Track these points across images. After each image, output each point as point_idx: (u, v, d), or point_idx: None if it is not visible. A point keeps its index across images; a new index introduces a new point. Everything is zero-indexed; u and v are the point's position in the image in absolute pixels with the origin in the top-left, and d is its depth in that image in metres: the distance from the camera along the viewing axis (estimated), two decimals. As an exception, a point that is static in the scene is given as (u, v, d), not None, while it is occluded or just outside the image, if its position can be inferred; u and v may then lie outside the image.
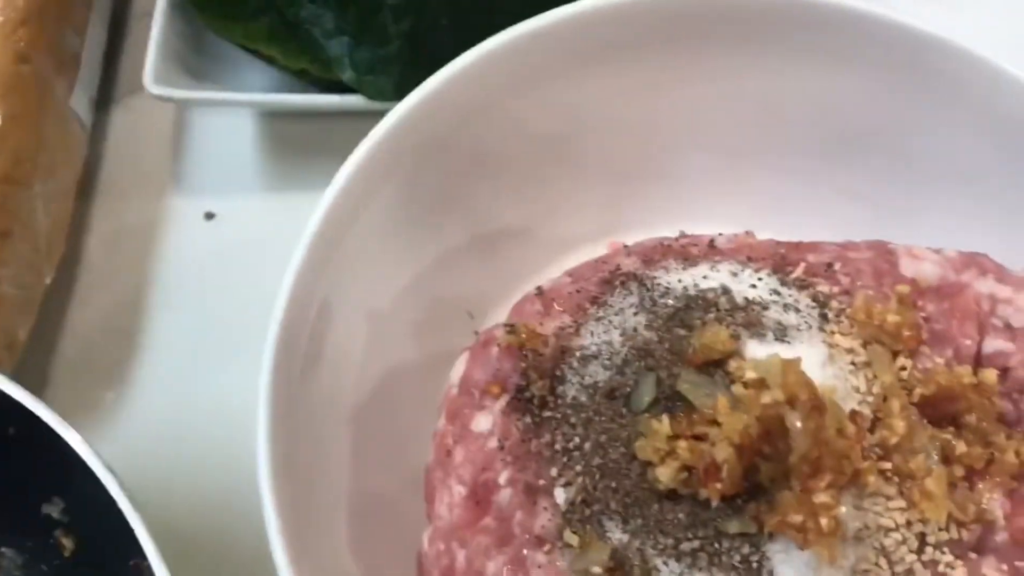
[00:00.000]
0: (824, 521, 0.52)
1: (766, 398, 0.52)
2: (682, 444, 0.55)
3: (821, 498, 0.53)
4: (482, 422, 0.61)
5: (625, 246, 0.67)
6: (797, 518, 0.53)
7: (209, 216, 0.87)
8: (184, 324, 0.83)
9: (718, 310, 0.61)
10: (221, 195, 0.88)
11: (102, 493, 0.60)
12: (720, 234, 0.67)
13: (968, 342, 0.62)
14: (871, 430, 0.58)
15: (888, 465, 0.58)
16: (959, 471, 0.58)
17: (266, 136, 0.90)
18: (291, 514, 0.58)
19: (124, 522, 0.60)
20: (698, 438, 0.55)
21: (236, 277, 0.84)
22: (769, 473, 0.55)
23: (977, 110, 0.70)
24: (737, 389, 0.55)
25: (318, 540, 0.61)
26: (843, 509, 0.53)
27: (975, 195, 0.71)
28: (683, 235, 0.68)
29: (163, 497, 0.64)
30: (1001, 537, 0.59)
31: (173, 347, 0.82)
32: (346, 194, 0.64)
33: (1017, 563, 0.58)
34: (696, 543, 0.56)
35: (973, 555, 0.58)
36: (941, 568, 0.57)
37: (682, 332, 0.60)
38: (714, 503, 0.54)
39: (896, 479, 0.58)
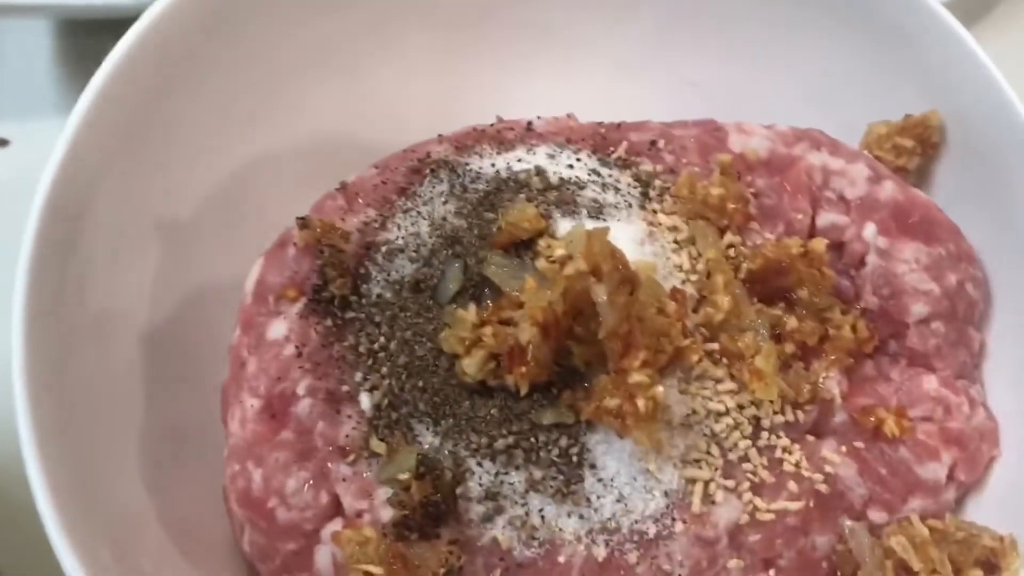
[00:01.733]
0: (641, 403, 0.48)
1: (569, 270, 0.47)
2: (487, 331, 0.50)
3: (636, 378, 0.48)
4: (277, 328, 0.55)
5: (439, 136, 0.62)
6: (613, 402, 0.49)
7: (2, 143, 0.79)
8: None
9: (530, 190, 0.56)
10: (15, 119, 0.80)
11: None
12: (539, 117, 0.62)
13: (800, 216, 0.59)
14: (695, 310, 0.54)
15: (715, 346, 0.54)
16: (791, 348, 0.54)
17: (65, 54, 0.82)
18: (63, 470, 0.51)
19: None
20: (505, 323, 0.50)
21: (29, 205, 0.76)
22: (582, 356, 0.50)
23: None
24: (542, 265, 0.50)
25: (99, 489, 0.54)
26: (661, 389, 0.48)
27: (804, 77, 0.68)
28: (499, 120, 0.62)
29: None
30: (840, 418, 0.56)
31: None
32: (104, 98, 0.57)
33: (856, 443, 0.55)
34: (511, 439, 0.51)
35: (811, 438, 0.55)
36: (778, 453, 0.54)
37: (491, 216, 0.55)
38: (523, 391, 0.49)
39: (724, 361, 0.54)
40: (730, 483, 0.53)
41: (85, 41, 0.82)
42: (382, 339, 0.53)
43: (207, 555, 0.58)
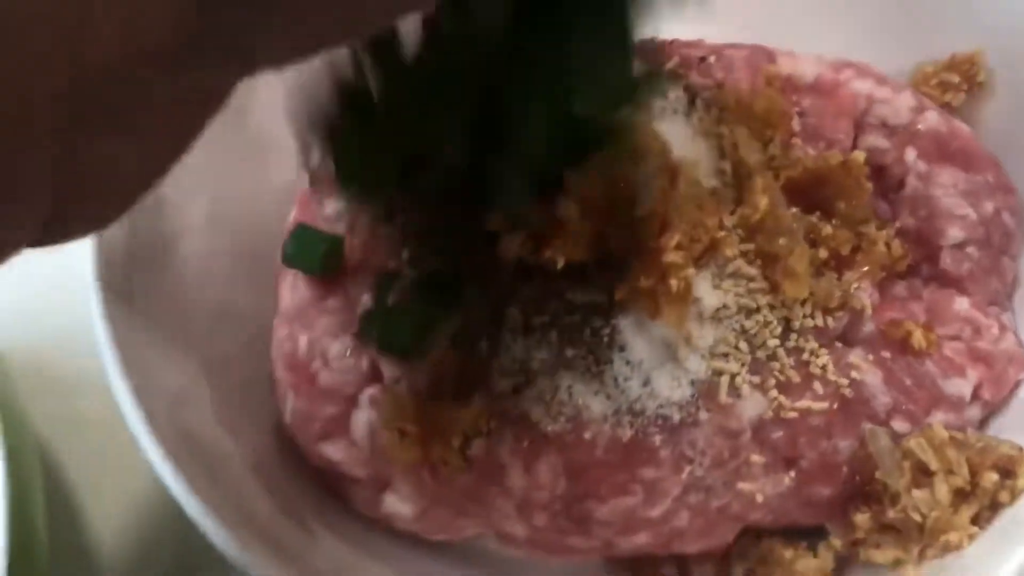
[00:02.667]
0: (673, 282, 0.50)
1: (611, 151, 0.50)
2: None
3: (670, 257, 0.50)
4: (331, 207, 0.58)
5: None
6: (646, 282, 0.51)
7: None
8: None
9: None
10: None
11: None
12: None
13: (842, 136, 0.60)
14: (732, 213, 0.56)
15: (751, 246, 0.55)
16: (824, 254, 0.56)
17: None
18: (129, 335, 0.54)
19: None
20: (547, 203, 0.52)
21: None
22: (620, 241, 0.52)
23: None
24: (586, 149, 0.52)
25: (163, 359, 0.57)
26: (693, 271, 0.51)
27: (856, 17, 0.69)
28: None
29: None
30: (868, 328, 0.57)
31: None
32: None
33: (883, 353, 0.56)
34: (545, 317, 0.53)
35: (839, 345, 0.56)
36: (805, 356, 0.55)
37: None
38: (558, 264, 0.51)
39: (759, 262, 0.55)
40: (756, 379, 0.54)
41: None
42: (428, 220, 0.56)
43: (251, 431, 0.60)
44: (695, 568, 0.59)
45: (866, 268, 0.57)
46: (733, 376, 0.54)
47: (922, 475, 0.53)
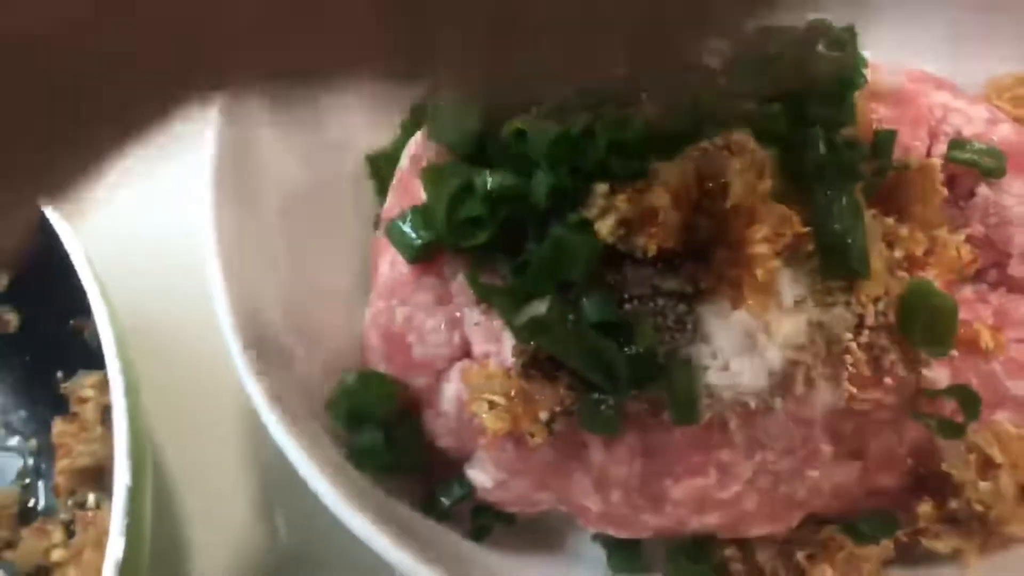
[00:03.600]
0: (759, 272, 0.53)
1: (705, 143, 0.52)
2: (621, 197, 0.54)
3: (757, 249, 0.53)
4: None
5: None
6: (732, 271, 0.53)
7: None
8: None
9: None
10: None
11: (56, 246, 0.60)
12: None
13: (918, 143, 0.62)
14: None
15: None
16: (899, 254, 0.58)
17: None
18: (242, 294, 0.58)
19: (69, 285, 0.60)
20: (639, 192, 0.55)
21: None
22: (708, 230, 0.55)
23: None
24: (680, 141, 0.55)
25: (266, 329, 0.60)
26: (778, 263, 0.53)
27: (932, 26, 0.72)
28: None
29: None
30: (939, 328, 0.59)
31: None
32: None
33: (952, 352, 0.58)
34: (634, 302, 0.56)
35: (909, 342, 0.58)
36: (876, 351, 0.57)
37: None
38: (650, 252, 0.54)
39: (838, 257, 0.58)
40: (830, 371, 0.56)
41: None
42: (522, 207, 0.59)
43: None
44: (758, 552, 0.61)
45: (936, 271, 0.59)
46: (808, 367, 0.56)
47: (988, 468, 0.55)
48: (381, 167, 0.71)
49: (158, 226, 0.77)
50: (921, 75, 0.65)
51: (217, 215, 0.57)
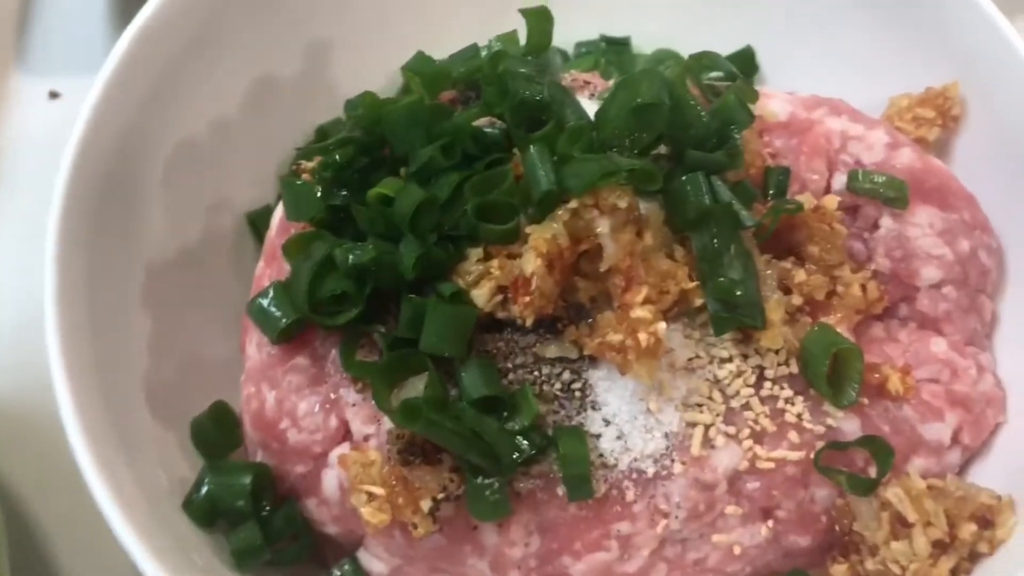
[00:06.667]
0: (643, 336, 0.49)
1: (573, 204, 0.49)
2: (495, 263, 0.51)
3: (638, 313, 0.49)
4: (297, 259, 0.57)
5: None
6: (616, 337, 0.50)
7: (53, 95, 0.82)
8: (24, 205, 0.78)
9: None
10: (67, 74, 0.83)
11: None
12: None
13: (816, 177, 0.59)
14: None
15: (722, 295, 0.54)
16: (798, 300, 0.55)
17: (117, 14, 0.85)
18: (91, 399, 0.53)
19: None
20: (513, 257, 0.51)
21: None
22: (587, 292, 0.52)
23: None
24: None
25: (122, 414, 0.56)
26: (664, 325, 0.49)
27: (830, 49, 0.69)
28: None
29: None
30: (845, 373, 0.56)
31: (11, 228, 0.78)
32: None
33: (861, 399, 0.55)
34: (517, 372, 0.52)
35: (813, 391, 0.55)
36: (780, 404, 0.54)
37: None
38: (527, 322, 0.50)
39: (730, 310, 0.54)
40: (731, 429, 0.53)
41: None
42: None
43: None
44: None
45: (841, 314, 0.56)
46: (707, 427, 0.53)
47: (901, 526, 0.52)
48: (262, 226, 0.67)
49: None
50: (815, 101, 0.62)
51: (60, 311, 0.53)
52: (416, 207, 0.51)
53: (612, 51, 0.74)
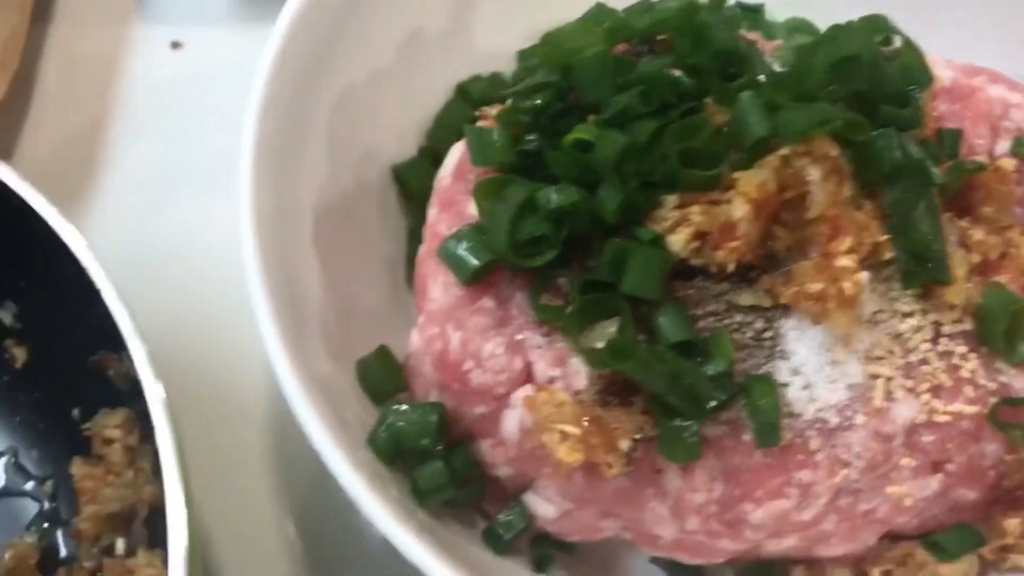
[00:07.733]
0: (847, 285, 0.50)
1: (784, 150, 0.49)
2: (695, 209, 0.51)
3: (843, 261, 0.50)
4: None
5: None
6: (816, 286, 0.51)
7: (175, 45, 0.82)
8: (148, 154, 0.78)
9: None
10: (188, 24, 0.83)
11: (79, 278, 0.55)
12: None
13: (981, 140, 0.60)
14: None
15: (905, 249, 0.55)
16: (976, 258, 0.56)
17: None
18: (282, 311, 0.54)
19: (91, 317, 0.56)
20: (714, 204, 0.52)
21: (202, 108, 0.80)
22: (786, 241, 0.52)
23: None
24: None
25: (306, 342, 0.57)
26: (866, 274, 0.50)
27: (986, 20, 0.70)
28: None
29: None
30: (1016, 333, 0.57)
31: (136, 176, 0.78)
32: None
33: (1031, 358, 0.56)
34: (709, 319, 0.53)
35: (986, 349, 0.56)
36: (955, 360, 0.55)
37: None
38: (730, 267, 0.51)
39: (913, 264, 0.55)
40: (910, 383, 0.54)
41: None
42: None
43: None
44: (830, 571, 0.59)
45: (1010, 276, 0.57)
46: (888, 380, 0.54)
47: (1077, 481, 0.53)
48: (408, 179, 0.68)
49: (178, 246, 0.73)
50: (974, 69, 0.63)
51: (256, 215, 0.53)
52: (619, 151, 0.51)
53: (746, 18, 0.75)
